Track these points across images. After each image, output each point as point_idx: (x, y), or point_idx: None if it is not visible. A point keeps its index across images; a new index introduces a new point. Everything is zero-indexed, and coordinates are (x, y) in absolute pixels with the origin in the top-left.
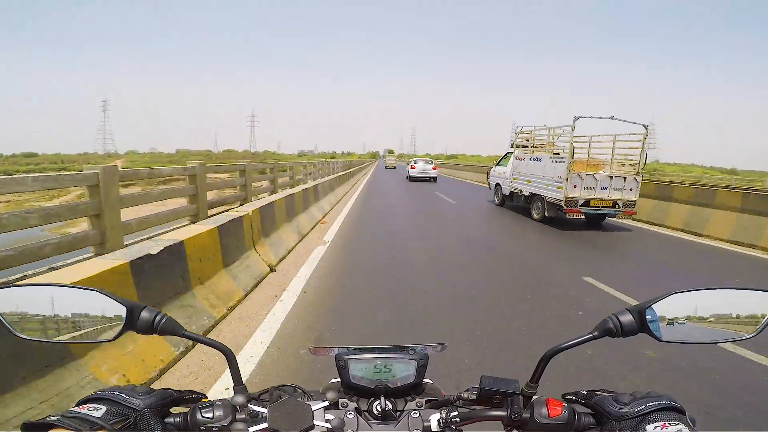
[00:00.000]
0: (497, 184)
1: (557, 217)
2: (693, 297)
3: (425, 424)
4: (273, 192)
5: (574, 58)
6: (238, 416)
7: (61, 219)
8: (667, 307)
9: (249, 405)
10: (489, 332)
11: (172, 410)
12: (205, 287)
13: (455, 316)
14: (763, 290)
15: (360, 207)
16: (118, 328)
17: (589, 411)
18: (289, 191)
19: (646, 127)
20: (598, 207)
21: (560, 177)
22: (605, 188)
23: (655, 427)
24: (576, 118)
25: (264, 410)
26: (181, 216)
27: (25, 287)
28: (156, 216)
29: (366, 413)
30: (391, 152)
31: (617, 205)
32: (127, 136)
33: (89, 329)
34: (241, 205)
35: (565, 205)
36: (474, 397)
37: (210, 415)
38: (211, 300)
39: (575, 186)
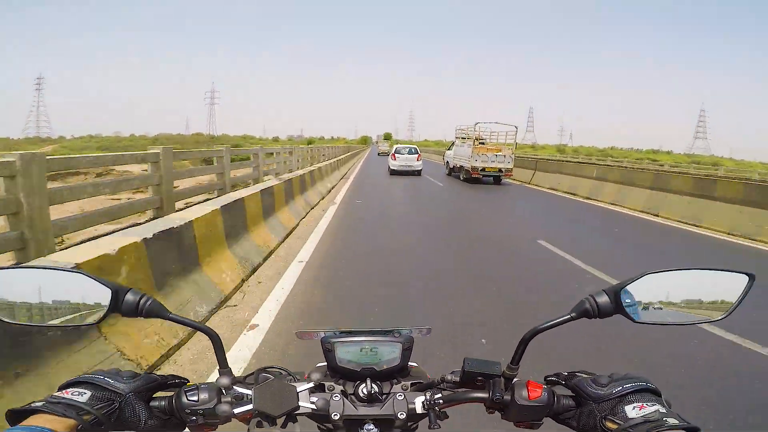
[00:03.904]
0: (447, 162)
1: (469, 178)
2: (667, 277)
3: (410, 406)
4: (223, 192)
5: (622, 38)
6: (223, 399)
7: None
8: (641, 288)
9: (234, 387)
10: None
11: (156, 395)
12: None
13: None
14: (735, 272)
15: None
16: (103, 311)
17: (570, 393)
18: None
19: (516, 127)
20: (490, 172)
21: (468, 155)
22: (493, 161)
23: (633, 407)
24: (476, 123)
25: (249, 392)
26: None
27: (5, 270)
28: None
29: (352, 396)
30: (387, 136)
31: (501, 171)
32: (92, 120)
33: (73, 312)
34: (153, 218)
35: (471, 170)
36: (457, 379)
37: (195, 398)
38: None
39: (476, 160)
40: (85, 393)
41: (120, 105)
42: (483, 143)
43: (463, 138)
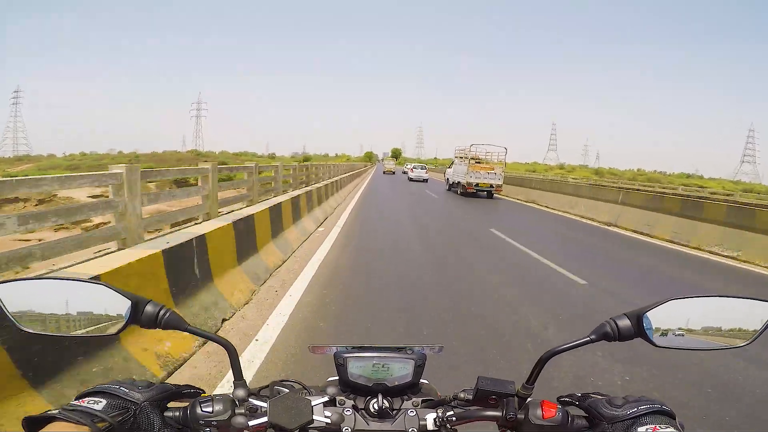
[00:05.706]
0: (447, 178)
1: (465, 193)
2: (690, 304)
3: (421, 422)
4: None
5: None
6: (237, 411)
7: None
8: (664, 313)
9: (249, 399)
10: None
11: (171, 404)
12: None
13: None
14: (759, 299)
15: None
16: (122, 322)
17: (583, 414)
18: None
19: (506, 148)
20: (483, 187)
21: (465, 172)
22: (486, 178)
23: (646, 429)
24: (471, 144)
25: (264, 405)
26: None
27: (29, 281)
28: None
29: (363, 411)
30: (396, 153)
31: (492, 186)
32: (90, 137)
33: (94, 322)
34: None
35: (466, 185)
36: (470, 397)
37: (210, 409)
38: None
39: (471, 177)
40: (100, 402)
41: (119, 121)
42: (479, 162)
43: (461, 157)
